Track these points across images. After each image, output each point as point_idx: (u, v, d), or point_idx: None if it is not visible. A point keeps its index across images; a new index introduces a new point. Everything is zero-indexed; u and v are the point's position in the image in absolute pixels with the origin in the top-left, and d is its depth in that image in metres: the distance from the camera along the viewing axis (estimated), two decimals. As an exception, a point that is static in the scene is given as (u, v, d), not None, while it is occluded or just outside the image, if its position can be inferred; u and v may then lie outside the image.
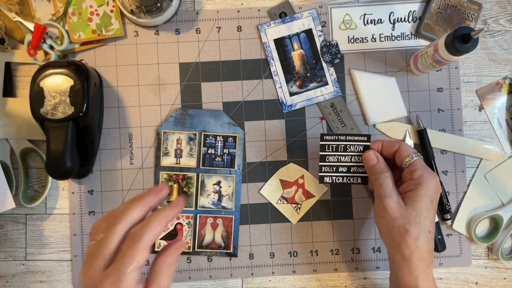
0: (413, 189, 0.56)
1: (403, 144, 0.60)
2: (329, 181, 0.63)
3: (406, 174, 0.58)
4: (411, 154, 0.58)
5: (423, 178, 0.56)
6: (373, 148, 0.61)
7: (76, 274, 0.70)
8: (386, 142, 0.61)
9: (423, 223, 0.55)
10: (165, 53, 0.71)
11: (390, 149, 0.60)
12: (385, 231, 0.58)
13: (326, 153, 0.63)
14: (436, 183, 0.57)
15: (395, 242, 0.56)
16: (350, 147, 0.62)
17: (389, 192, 0.57)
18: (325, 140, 0.62)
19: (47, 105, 0.62)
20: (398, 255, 0.57)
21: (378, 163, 0.59)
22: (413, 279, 0.56)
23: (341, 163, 0.63)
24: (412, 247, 0.55)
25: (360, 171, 0.62)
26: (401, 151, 0.59)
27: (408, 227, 0.55)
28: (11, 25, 0.69)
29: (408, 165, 0.58)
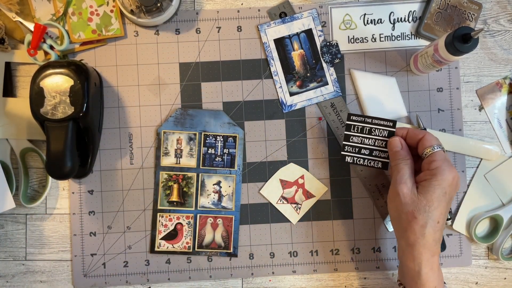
0: (428, 179, 0.57)
1: (428, 134, 0.60)
2: (350, 161, 0.64)
3: (425, 164, 0.59)
4: (434, 145, 0.59)
5: (440, 169, 0.57)
6: (398, 134, 0.62)
7: (76, 274, 0.70)
8: (411, 130, 0.62)
9: (432, 213, 0.56)
10: (165, 53, 0.71)
11: (414, 138, 0.61)
12: (395, 216, 0.59)
13: (351, 133, 0.64)
14: (452, 177, 0.57)
15: (402, 227, 0.58)
16: (375, 131, 0.64)
17: (405, 179, 0.58)
18: (351, 120, 0.64)
19: (47, 105, 0.62)
20: (403, 240, 0.58)
21: (401, 149, 0.60)
22: (416, 265, 0.57)
23: (364, 145, 0.64)
24: (417, 234, 0.56)
25: (382, 156, 0.64)
26: (425, 141, 0.59)
27: (416, 214, 0.56)
28: (11, 25, 0.69)
29: (428, 155, 0.59)
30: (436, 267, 0.58)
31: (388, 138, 0.63)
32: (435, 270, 0.58)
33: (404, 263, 0.59)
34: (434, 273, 0.58)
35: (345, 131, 0.64)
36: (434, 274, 0.57)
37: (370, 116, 0.64)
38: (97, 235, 0.70)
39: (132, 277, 0.70)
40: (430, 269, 0.57)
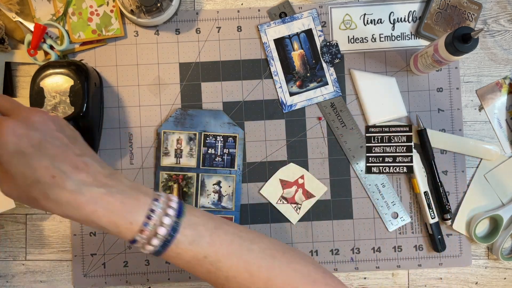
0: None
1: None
2: (376, 171, 0.66)
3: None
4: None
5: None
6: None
7: (76, 274, 0.70)
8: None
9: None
10: (165, 53, 0.71)
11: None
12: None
13: (372, 144, 0.65)
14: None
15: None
16: (394, 138, 0.65)
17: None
18: (370, 132, 0.66)
19: (47, 105, 0.62)
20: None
21: None
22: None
23: (386, 153, 0.65)
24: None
25: (405, 160, 0.65)
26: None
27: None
28: (11, 25, 0.69)
29: None
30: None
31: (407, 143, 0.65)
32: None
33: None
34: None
35: (366, 144, 0.65)
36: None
37: (387, 125, 0.66)
38: (97, 235, 0.70)
39: (132, 277, 0.70)
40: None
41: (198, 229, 0.49)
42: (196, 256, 0.48)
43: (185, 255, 0.48)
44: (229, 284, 0.50)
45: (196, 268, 0.49)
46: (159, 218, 0.47)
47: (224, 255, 0.49)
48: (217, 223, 0.50)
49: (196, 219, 0.49)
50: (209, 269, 0.49)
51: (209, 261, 0.49)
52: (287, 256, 0.51)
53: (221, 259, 0.49)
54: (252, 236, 0.51)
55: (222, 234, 0.50)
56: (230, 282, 0.49)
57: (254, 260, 0.49)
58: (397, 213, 0.71)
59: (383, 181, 0.70)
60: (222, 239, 0.49)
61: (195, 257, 0.48)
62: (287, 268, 0.50)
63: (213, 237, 0.49)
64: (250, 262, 0.49)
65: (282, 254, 0.51)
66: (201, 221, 0.49)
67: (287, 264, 0.50)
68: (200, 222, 0.49)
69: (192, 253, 0.48)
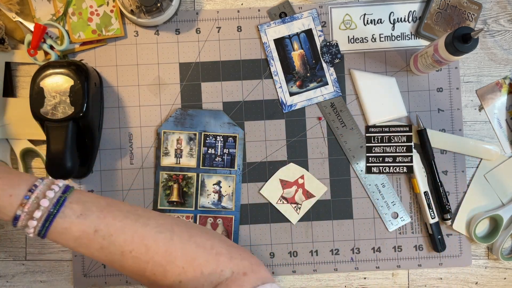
0: None
1: None
2: (376, 171, 0.66)
3: None
4: None
5: None
6: None
7: (76, 274, 0.70)
8: None
9: None
10: (165, 53, 0.71)
11: None
12: None
13: (372, 144, 0.66)
14: None
15: None
16: (394, 138, 0.65)
17: None
18: (370, 132, 0.66)
19: (47, 105, 0.62)
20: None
21: None
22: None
23: (386, 153, 0.65)
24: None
25: (405, 160, 0.65)
26: None
27: None
28: (11, 25, 0.69)
29: None
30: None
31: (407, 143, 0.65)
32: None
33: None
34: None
35: (366, 144, 0.65)
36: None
37: (387, 125, 0.66)
38: (97, 235, 0.70)
39: (132, 277, 0.70)
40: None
41: (87, 205, 0.47)
42: (85, 230, 0.47)
43: (74, 229, 0.46)
44: (125, 260, 0.48)
45: (87, 245, 0.47)
46: (42, 192, 0.45)
47: (117, 229, 0.47)
48: (110, 202, 0.49)
49: (85, 197, 0.48)
50: (102, 244, 0.47)
51: (100, 235, 0.47)
52: (189, 231, 0.50)
53: (114, 233, 0.47)
54: (150, 214, 0.50)
55: (115, 210, 0.48)
56: (126, 257, 0.48)
57: (150, 233, 0.48)
58: (397, 213, 0.71)
59: (383, 181, 0.70)
60: (115, 214, 0.48)
61: (84, 232, 0.47)
62: (187, 241, 0.49)
63: (104, 212, 0.47)
64: (146, 235, 0.48)
65: (183, 229, 0.50)
66: (90, 199, 0.48)
67: (188, 238, 0.49)
68: (89, 200, 0.48)
69: (81, 226, 0.46)
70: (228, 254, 0.50)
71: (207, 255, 0.49)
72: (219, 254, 0.50)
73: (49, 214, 0.45)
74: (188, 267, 0.48)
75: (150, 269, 0.48)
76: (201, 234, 0.51)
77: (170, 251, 0.48)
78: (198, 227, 0.53)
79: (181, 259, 0.48)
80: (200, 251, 0.49)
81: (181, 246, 0.49)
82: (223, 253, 0.50)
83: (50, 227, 0.46)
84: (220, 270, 0.49)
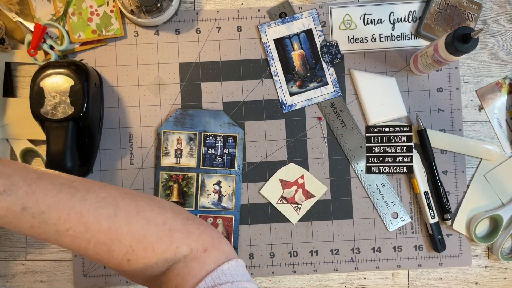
0: None
1: None
2: (376, 171, 0.66)
3: None
4: None
5: None
6: None
7: (76, 274, 0.70)
8: None
9: None
10: (165, 53, 0.71)
11: None
12: None
13: (372, 144, 0.66)
14: None
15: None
16: (394, 138, 0.65)
17: None
18: (370, 132, 0.66)
19: (47, 105, 0.62)
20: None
21: None
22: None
23: (386, 153, 0.65)
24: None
25: (405, 160, 0.65)
26: None
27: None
28: (11, 25, 0.69)
29: None
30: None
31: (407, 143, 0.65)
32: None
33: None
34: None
35: (366, 144, 0.66)
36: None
37: (387, 125, 0.66)
38: (97, 235, 0.70)
39: (132, 277, 0.70)
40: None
41: (11, 179, 0.42)
42: (11, 208, 0.42)
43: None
44: (62, 238, 0.43)
45: (15, 223, 0.43)
46: None
47: (49, 206, 0.42)
48: (42, 174, 0.44)
49: (11, 170, 0.43)
50: (32, 223, 0.42)
51: (30, 213, 0.42)
52: (138, 204, 0.45)
53: (45, 210, 0.42)
54: (90, 186, 0.45)
55: (47, 183, 0.43)
56: (63, 236, 0.43)
57: (89, 210, 0.43)
58: (397, 213, 0.71)
59: (383, 181, 0.70)
60: (46, 189, 0.43)
61: (10, 209, 0.42)
62: (135, 216, 0.44)
63: (33, 187, 0.42)
64: (84, 212, 0.43)
65: (130, 202, 0.45)
66: (17, 171, 0.43)
67: (136, 213, 0.44)
68: (16, 172, 0.43)
69: (5, 204, 0.42)
70: (184, 230, 0.45)
71: (158, 232, 0.44)
72: (173, 230, 0.45)
73: None
74: (136, 245, 0.44)
75: (92, 248, 0.44)
76: (152, 208, 0.46)
77: (115, 229, 0.43)
78: (148, 199, 0.47)
79: (127, 236, 0.44)
80: (151, 228, 0.44)
81: (127, 222, 0.44)
82: (178, 229, 0.45)
83: None
84: (175, 247, 0.44)
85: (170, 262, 0.45)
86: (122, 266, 0.45)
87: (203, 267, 0.44)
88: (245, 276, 0.45)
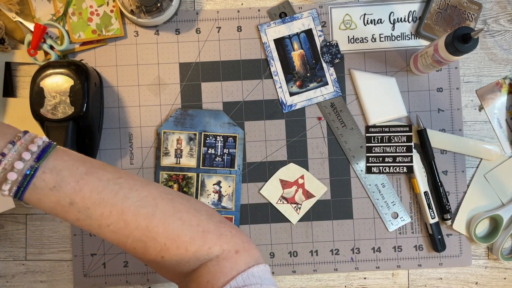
0: None
1: None
2: (376, 171, 0.66)
3: None
4: None
5: None
6: None
7: (76, 274, 0.70)
8: None
9: None
10: (165, 53, 0.71)
11: None
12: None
13: (372, 144, 0.66)
14: None
15: None
16: (394, 138, 0.65)
17: None
18: (370, 132, 0.66)
19: (47, 105, 0.62)
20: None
21: None
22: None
23: (386, 153, 0.65)
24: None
25: (405, 160, 0.65)
26: None
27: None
28: (11, 25, 0.69)
29: None
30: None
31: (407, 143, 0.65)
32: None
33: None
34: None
35: (366, 144, 0.66)
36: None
37: (387, 125, 0.66)
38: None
39: (132, 277, 0.70)
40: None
41: (61, 175, 0.45)
42: (60, 202, 0.45)
43: (47, 201, 0.45)
44: (103, 232, 0.46)
45: (63, 215, 0.46)
46: (10, 162, 0.43)
47: (94, 203, 0.45)
48: (91, 169, 0.46)
49: (63, 163, 0.45)
50: (78, 217, 0.45)
51: (76, 208, 0.45)
52: (175, 205, 0.48)
53: (90, 207, 0.45)
54: (133, 183, 0.47)
55: (94, 180, 0.45)
56: (104, 230, 0.46)
57: (129, 208, 0.46)
58: (397, 213, 0.71)
59: (383, 181, 0.70)
60: (93, 186, 0.45)
61: (59, 203, 0.45)
62: (171, 217, 0.46)
63: (81, 183, 0.45)
64: (125, 210, 0.45)
65: (168, 202, 0.47)
66: (68, 166, 0.45)
67: (173, 213, 0.47)
68: (66, 167, 0.45)
69: (54, 198, 0.44)
70: (217, 231, 0.48)
71: (192, 233, 0.47)
72: (206, 232, 0.47)
73: (18, 188, 0.43)
74: (170, 244, 0.46)
75: (130, 243, 0.46)
76: (188, 209, 0.48)
77: (152, 227, 0.46)
78: (186, 200, 0.49)
79: (163, 235, 0.46)
80: (185, 228, 0.47)
81: (163, 222, 0.46)
82: (211, 230, 0.47)
83: (22, 197, 0.44)
84: (207, 247, 0.47)
85: (202, 261, 0.47)
86: (156, 262, 0.47)
87: (234, 267, 0.46)
88: (271, 281, 0.47)
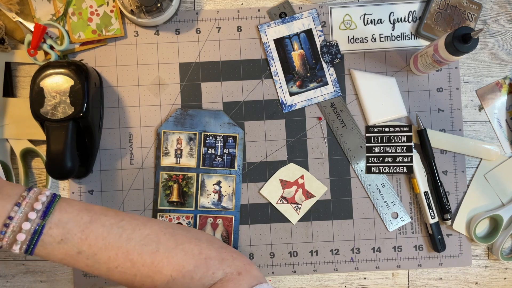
0: None
1: None
2: (376, 171, 0.66)
3: None
4: None
5: None
6: None
7: (76, 274, 0.70)
8: None
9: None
10: (165, 53, 0.71)
11: None
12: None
13: (372, 144, 0.66)
14: None
15: None
16: (394, 138, 0.65)
17: None
18: (370, 132, 0.66)
19: (47, 105, 0.62)
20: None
21: None
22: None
23: (386, 153, 0.65)
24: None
25: (405, 160, 0.65)
26: None
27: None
28: (11, 25, 0.69)
29: None
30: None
31: (407, 143, 0.65)
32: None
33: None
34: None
35: (366, 144, 0.66)
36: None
37: (387, 125, 0.66)
38: (97, 235, 0.70)
39: (132, 277, 0.70)
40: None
41: (67, 227, 0.47)
42: (68, 253, 0.47)
43: (56, 253, 0.47)
44: (112, 274, 0.49)
45: (73, 263, 0.48)
46: (18, 223, 0.46)
47: (101, 248, 0.48)
48: (94, 216, 0.49)
49: (67, 216, 0.48)
50: (86, 263, 0.48)
51: (84, 256, 0.48)
52: (177, 237, 0.51)
53: (97, 252, 0.48)
54: (135, 224, 0.50)
55: (98, 227, 0.48)
56: (113, 272, 0.48)
57: (134, 248, 0.48)
58: (397, 213, 0.71)
59: (383, 181, 0.70)
60: (98, 233, 0.48)
61: (67, 254, 0.47)
62: (174, 249, 0.49)
63: (86, 232, 0.47)
64: (130, 250, 0.48)
65: (170, 237, 0.50)
66: (72, 217, 0.48)
67: (175, 246, 0.50)
68: (71, 219, 0.48)
69: (63, 250, 0.47)
70: (219, 257, 0.51)
71: (195, 261, 0.50)
72: (209, 258, 0.50)
73: (28, 246, 0.47)
74: (176, 274, 0.49)
75: (138, 280, 0.49)
76: (190, 240, 0.51)
77: (157, 262, 0.49)
78: (186, 231, 0.53)
79: (168, 268, 0.49)
80: (188, 258, 0.50)
81: (167, 255, 0.49)
82: (213, 257, 0.51)
83: (32, 253, 0.47)
84: (211, 273, 0.50)
85: (207, 286, 0.50)
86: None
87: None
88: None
